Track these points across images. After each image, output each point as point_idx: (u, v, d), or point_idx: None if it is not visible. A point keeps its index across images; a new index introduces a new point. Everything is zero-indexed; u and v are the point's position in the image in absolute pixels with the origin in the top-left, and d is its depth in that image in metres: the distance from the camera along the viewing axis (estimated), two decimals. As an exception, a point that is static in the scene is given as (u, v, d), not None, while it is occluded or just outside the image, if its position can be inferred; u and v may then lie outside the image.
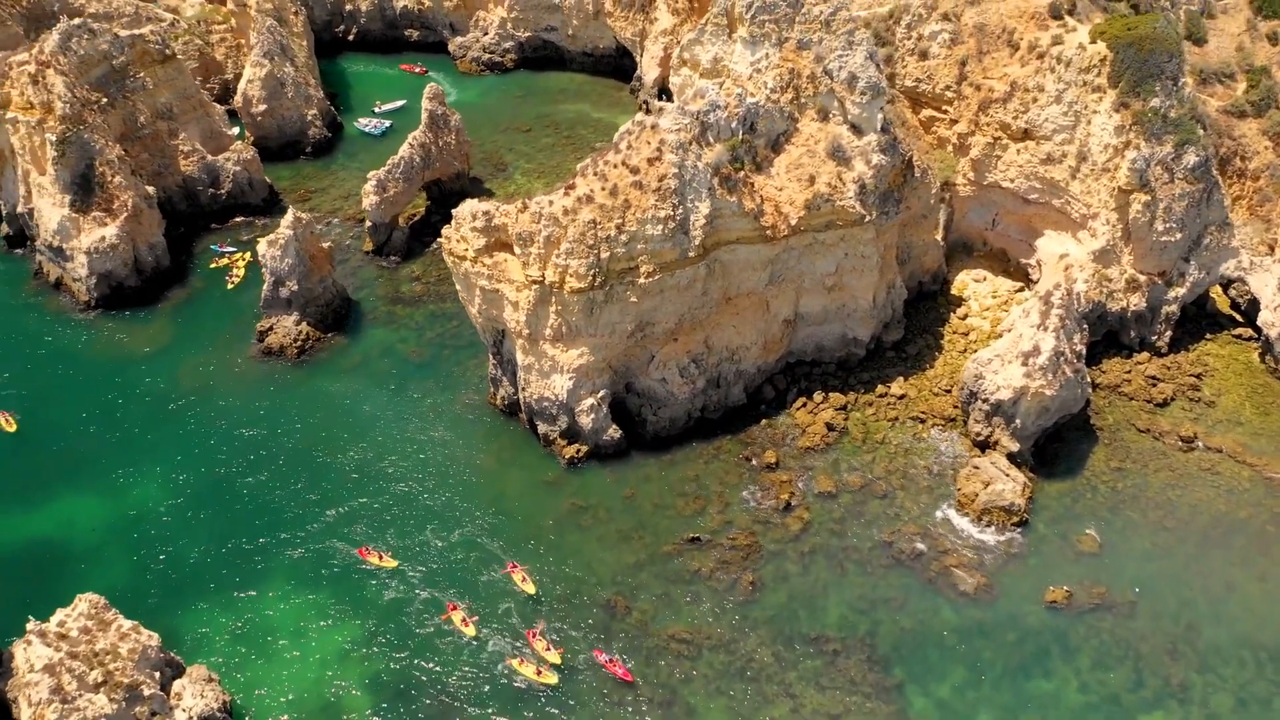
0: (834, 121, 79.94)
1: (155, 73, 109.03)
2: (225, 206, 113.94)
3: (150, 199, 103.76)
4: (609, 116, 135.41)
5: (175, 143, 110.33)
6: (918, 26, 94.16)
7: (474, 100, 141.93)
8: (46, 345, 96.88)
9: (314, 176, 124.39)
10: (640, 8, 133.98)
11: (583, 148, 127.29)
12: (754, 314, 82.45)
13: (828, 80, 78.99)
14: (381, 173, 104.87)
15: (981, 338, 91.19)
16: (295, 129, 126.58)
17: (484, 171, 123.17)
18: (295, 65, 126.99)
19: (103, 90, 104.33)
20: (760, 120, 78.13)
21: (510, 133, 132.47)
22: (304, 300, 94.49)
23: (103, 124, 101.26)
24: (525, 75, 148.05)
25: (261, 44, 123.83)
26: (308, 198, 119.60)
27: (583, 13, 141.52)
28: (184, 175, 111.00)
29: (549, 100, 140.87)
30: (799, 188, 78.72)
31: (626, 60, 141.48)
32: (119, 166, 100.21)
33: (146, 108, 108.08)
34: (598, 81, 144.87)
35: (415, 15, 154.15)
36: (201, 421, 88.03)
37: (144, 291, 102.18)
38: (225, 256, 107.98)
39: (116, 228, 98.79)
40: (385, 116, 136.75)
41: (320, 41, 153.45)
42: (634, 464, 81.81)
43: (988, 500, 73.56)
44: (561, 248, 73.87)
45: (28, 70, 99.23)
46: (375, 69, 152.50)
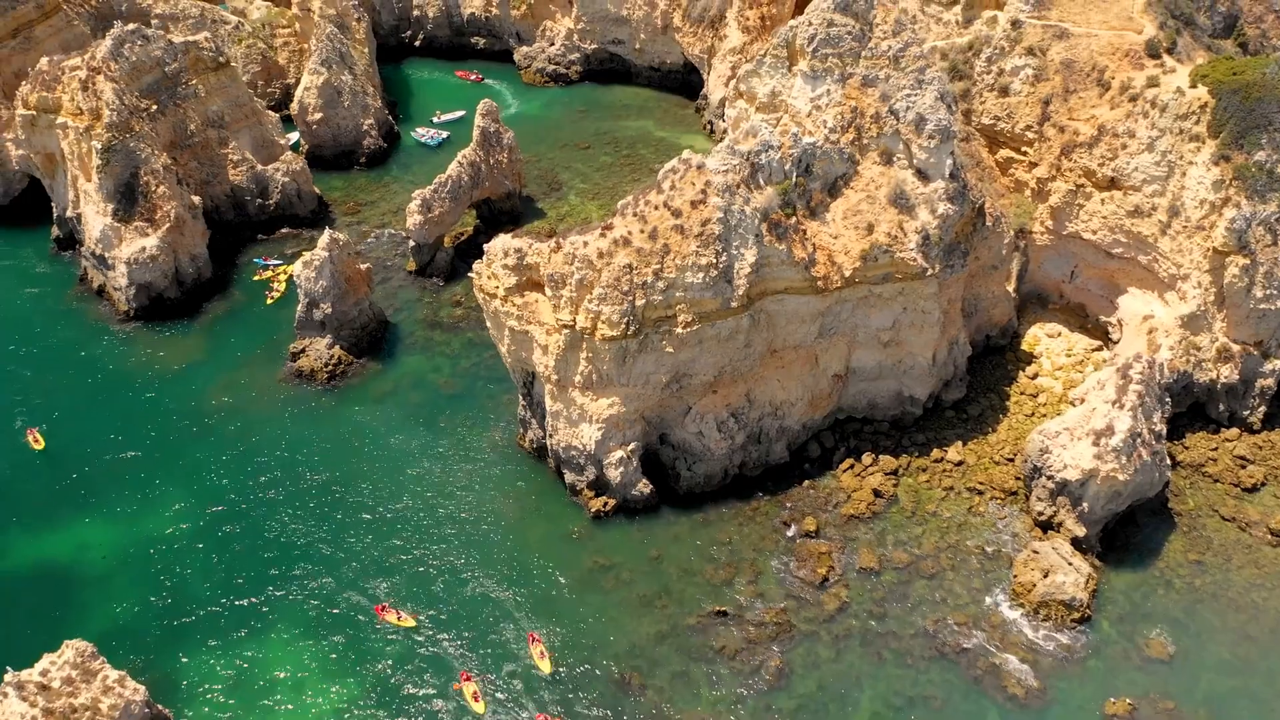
0: (898, 165, 73.76)
1: (208, 80, 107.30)
2: (273, 217, 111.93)
3: (195, 209, 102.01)
4: (672, 135, 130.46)
5: (225, 151, 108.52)
6: (999, 60, 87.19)
7: (535, 113, 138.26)
8: (83, 356, 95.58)
9: (366, 188, 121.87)
10: (710, 24, 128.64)
11: (641, 168, 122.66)
12: (801, 368, 76.74)
13: (893, 121, 72.87)
14: (427, 192, 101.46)
15: (1052, 401, 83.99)
16: (350, 138, 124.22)
17: (537, 190, 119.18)
18: (354, 73, 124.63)
19: (153, 97, 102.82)
20: (817, 162, 72.36)
21: (568, 149, 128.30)
22: (338, 323, 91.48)
23: (151, 132, 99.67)
24: (589, 88, 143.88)
25: (320, 51, 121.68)
26: (357, 210, 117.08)
27: (651, 27, 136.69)
28: (232, 185, 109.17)
29: (611, 115, 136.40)
30: (856, 236, 72.75)
31: (694, 77, 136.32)
32: (164, 176, 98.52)
33: (197, 115, 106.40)
34: (663, 98, 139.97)
35: (482, 23, 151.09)
36: (226, 446, 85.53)
37: (183, 303, 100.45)
38: (269, 269, 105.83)
39: (158, 238, 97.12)
40: (443, 127, 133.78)
41: (386, 47, 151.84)
42: (663, 521, 76.75)
43: (1046, 592, 66.77)
44: (594, 292, 69.17)
45: (79, 76, 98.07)
46: (439, 76, 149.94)
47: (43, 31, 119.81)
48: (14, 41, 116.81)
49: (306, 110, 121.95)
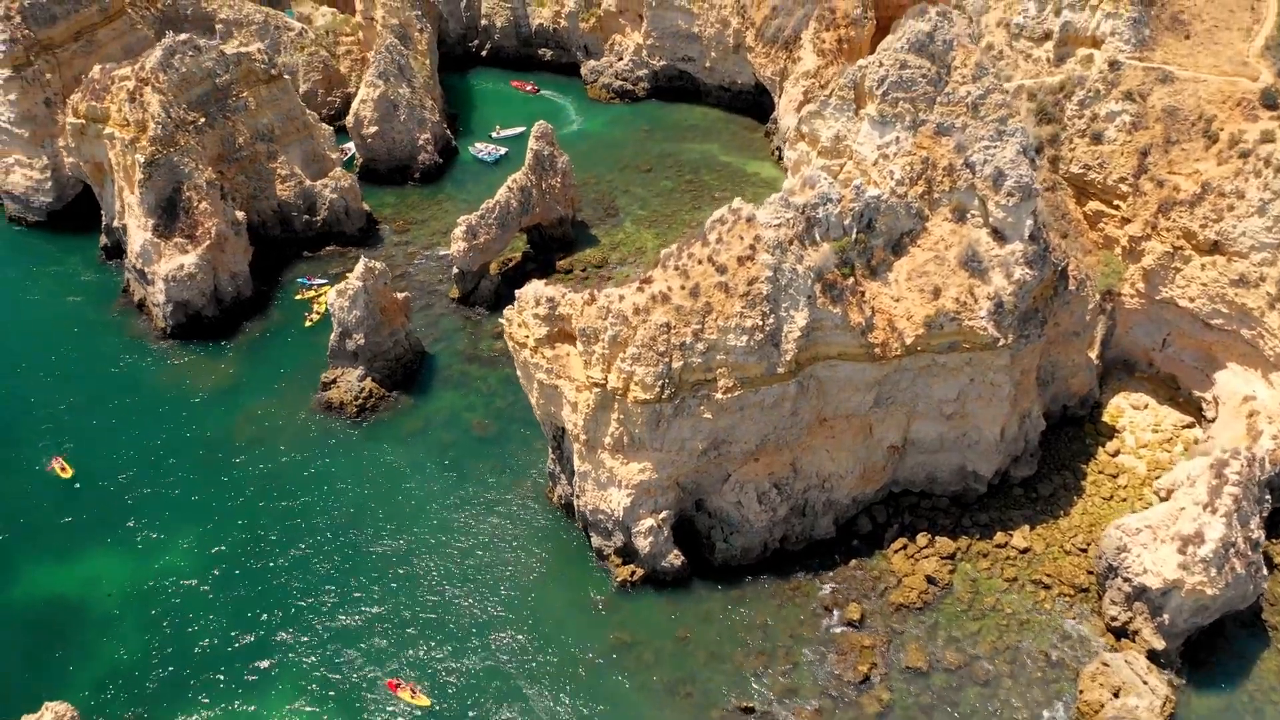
0: (972, 223, 66.79)
1: (259, 93, 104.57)
2: (320, 234, 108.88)
3: (238, 225, 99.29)
4: (738, 161, 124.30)
5: (273, 166, 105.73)
6: (1093, 104, 79.33)
7: (598, 130, 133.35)
8: (116, 373, 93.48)
9: (418, 205, 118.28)
10: (784, 45, 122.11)
11: (703, 195, 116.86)
12: (853, 438, 70.27)
13: (969, 174, 65.93)
14: (473, 218, 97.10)
15: (1134, 483, 76.07)
16: (405, 153, 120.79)
17: (592, 215, 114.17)
18: (412, 86, 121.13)
19: (202, 109, 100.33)
20: (881, 217, 65.82)
21: (629, 171, 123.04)
22: (371, 354, 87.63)
23: (197, 146, 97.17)
24: (656, 106, 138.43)
25: (378, 64, 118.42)
26: (406, 229, 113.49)
27: (722, 45, 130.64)
28: (279, 200, 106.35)
29: (676, 136, 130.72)
30: (920, 300, 66.01)
31: (764, 98, 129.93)
32: (207, 192, 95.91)
33: (246, 129, 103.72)
34: (732, 119, 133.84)
35: (550, 34, 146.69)
36: (249, 479, 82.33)
37: (222, 321, 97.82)
38: (312, 289, 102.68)
39: (197, 256, 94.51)
40: (502, 143, 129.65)
41: (452, 56, 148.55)
42: (695, 596, 71.02)
43: (1115, 716, 59.33)
44: (628, 351, 63.74)
45: (127, 86, 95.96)
46: (502, 88, 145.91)
47: (105, 35, 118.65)
48: (76, 45, 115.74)
49: (361, 123, 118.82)
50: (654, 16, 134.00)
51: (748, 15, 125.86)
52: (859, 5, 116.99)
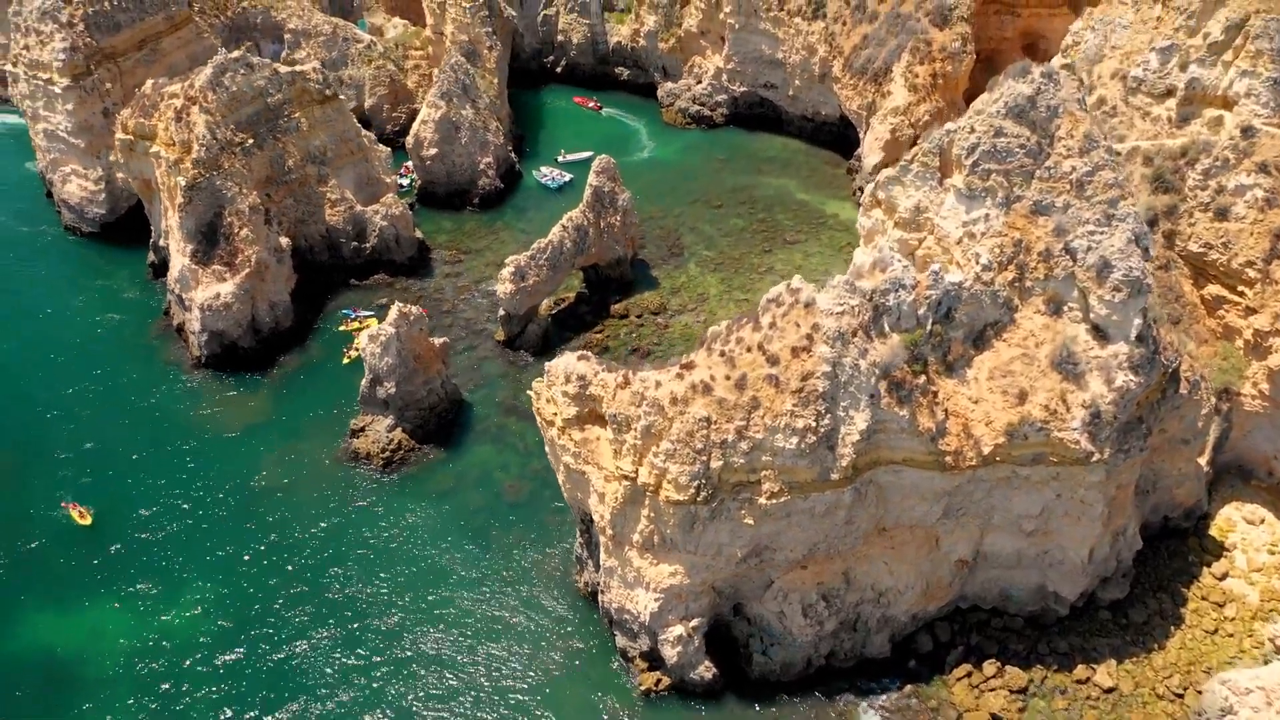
0: (1069, 318, 57.84)
1: (312, 113, 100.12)
2: (369, 261, 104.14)
3: (281, 252, 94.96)
4: (816, 199, 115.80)
5: (323, 189, 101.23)
6: (1219, 175, 69.23)
7: (670, 158, 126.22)
8: (146, 404, 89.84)
9: (474, 234, 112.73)
10: (873, 78, 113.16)
11: (775, 238, 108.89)
12: (916, 550, 61.93)
13: (1068, 262, 57.02)
14: (523, 258, 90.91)
15: (1244, 616, 66.03)
16: (465, 177, 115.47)
17: (655, 253, 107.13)
18: (476, 107, 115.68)
19: (252, 129, 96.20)
20: (962, 307, 57.34)
21: (698, 205, 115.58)
22: (402, 403, 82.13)
23: (243, 168, 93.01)
24: (733, 134, 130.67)
25: (440, 83, 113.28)
26: (459, 259, 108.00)
27: (807, 74, 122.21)
28: (328, 225, 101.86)
29: (752, 168, 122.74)
30: (1002, 404, 57.36)
31: (849, 132, 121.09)
32: (249, 217, 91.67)
33: (297, 150, 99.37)
34: (813, 153, 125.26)
35: (628, 53, 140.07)
36: (266, 531, 77.58)
37: (258, 352, 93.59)
38: (356, 320, 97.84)
39: (234, 285, 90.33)
40: (568, 168, 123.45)
41: (526, 71, 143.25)
42: (726, 711, 63.49)
43: None
44: (662, 445, 56.57)
45: (174, 105, 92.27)
46: (574, 107, 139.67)
47: (170, 44, 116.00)
48: (140, 53, 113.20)
49: (421, 145, 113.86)
50: (736, 40, 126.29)
51: (836, 44, 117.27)
52: (957, 38, 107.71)
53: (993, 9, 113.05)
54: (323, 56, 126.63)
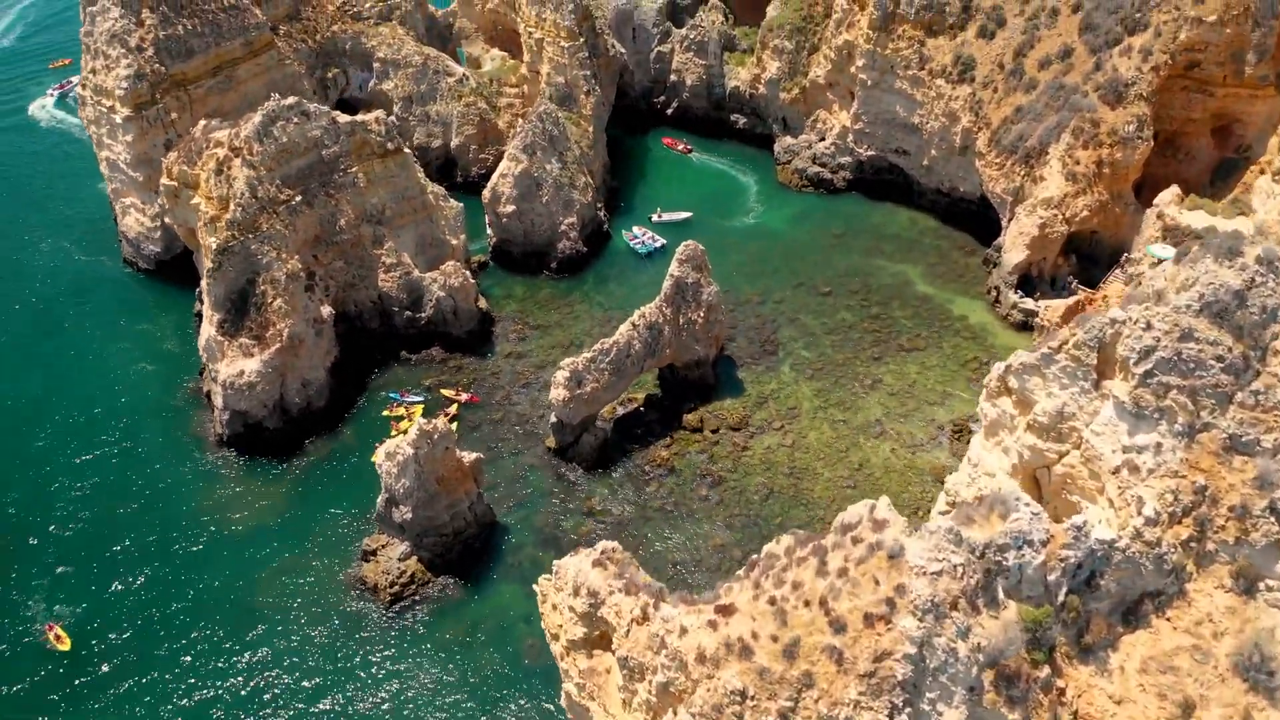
0: (1265, 602, 41.23)
1: (372, 168, 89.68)
2: (423, 333, 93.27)
3: (321, 324, 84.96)
4: (941, 294, 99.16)
5: (378, 252, 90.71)
6: None
7: (778, 226, 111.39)
8: (157, 486, 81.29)
9: (547, 304, 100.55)
10: (1023, 158, 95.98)
11: (888, 341, 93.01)
12: None
13: (1273, 526, 40.49)
14: (581, 361, 78.14)
15: None
16: (544, 238, 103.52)
17: (745, 349, 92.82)
18: (564, 160, 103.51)
19: (302, 184, 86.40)
20: (1112, 573, 41.52)
21: (803, 290, 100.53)
22: (420, 530, 70.65)
23: (284, 230, 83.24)
24: (854, 202, 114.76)
25: (524, 134, 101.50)
26: (525, 335, 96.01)
27: (946, 144, 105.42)
28: (381, 291, 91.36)
29: (872, 247, 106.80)
30: (1157, 711, 41.27)
31: (991, 213, 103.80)
32: (285, 286, 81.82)
33: (352, 208, 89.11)
34: (944, 234, 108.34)
35: (745, 100, 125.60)
36: (251, 667, 67.59)
37: (286, 434, 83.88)
38: (401, 406, 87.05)
39: (261, 362, 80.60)
40: (662, 230, 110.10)
41: (634, 110, 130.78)
42: None
43: None
44: (680, 714, 42.72)
45: (217, 155, 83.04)
46: (682, 157, 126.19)
47: (246, 71, 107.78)
48: (213, 80, 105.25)
49: (498, 200, 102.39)
50: (867, 98, 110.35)
51: (983, 113, 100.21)
52: (1133, 120, 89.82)
53: (1179, 85, 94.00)
54: (411, 90, 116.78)
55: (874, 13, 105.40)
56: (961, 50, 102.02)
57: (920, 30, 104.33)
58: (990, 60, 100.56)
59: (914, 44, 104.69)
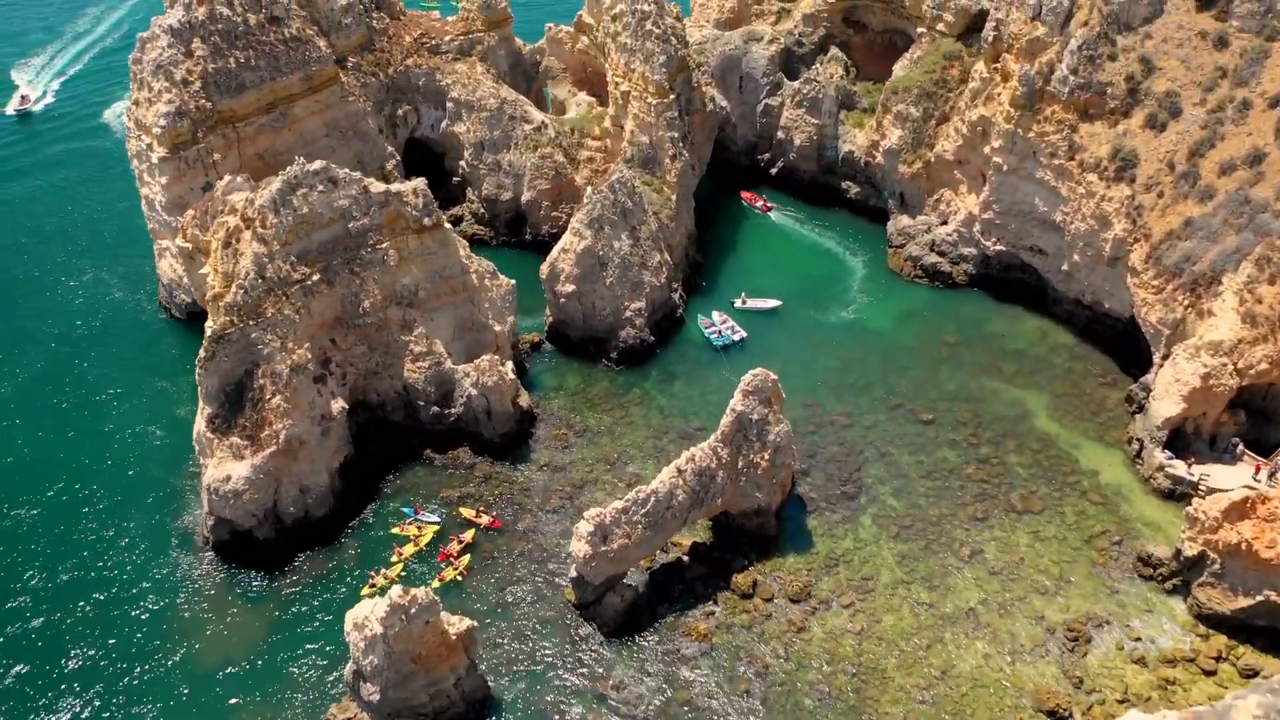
0: None
1: (405, 244, 78.34)
2: (451, 429, 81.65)
3: (330, 421, 74.27)
4: (1069, 438, 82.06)
5: (407, 339, 79.39)
6: None
7: (880, 324, 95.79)
8: (125, 592, 71.82)
9: (600, 402, 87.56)
10: (1189, 284, 78.43)
11: (997, 495, 77.16)
12: None
13: None
14: (608, 513, 64.89)
15: None
16: (605, 325, 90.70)
17: (819, 488, 78.12)
18: (636, 236, 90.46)
19: (322, 260, 75.72)
20: None
21: (899, 415, 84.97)
22: (388, 711, 58.71)
23: (293, 316, 72.63)
24: (975, 301, 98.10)
25: (591, 206, 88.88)
26: (568, 443, 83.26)
27: (1093, 251, 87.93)
28: (406, 382, 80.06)
29: (990, 364, 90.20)
30: None
31: (1140, 337, 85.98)
32: (287, 381, 71.23)
33: (379, 289, 77.98)
34: (1081, 354, 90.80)
35: (860, 167, 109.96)
36: None
37: (278, 546, 73.43)
38: (414, 524, 75.61)
39: (251, 467, 70.22)
40: (744, 320, 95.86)
41: (735, 165, 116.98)
42: None
43: None
44: None
45: (228, 224, 72.99)
46: (787, 225, 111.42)
47: (305, 108, 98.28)
48: (265, 118, 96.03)
49: (557, 278, 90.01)
50: (1002, 184, 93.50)
51: (1142, 222, 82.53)
52: (1339, 256, 71.04)
53: (1403, 210, 74.87)
54: (483, 135, 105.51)
55: (1018, 88, 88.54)
56: (1122, 142, 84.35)
57: (1073, 113, 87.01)
58: (1157, 158, 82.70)
59: (1064, 129, 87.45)
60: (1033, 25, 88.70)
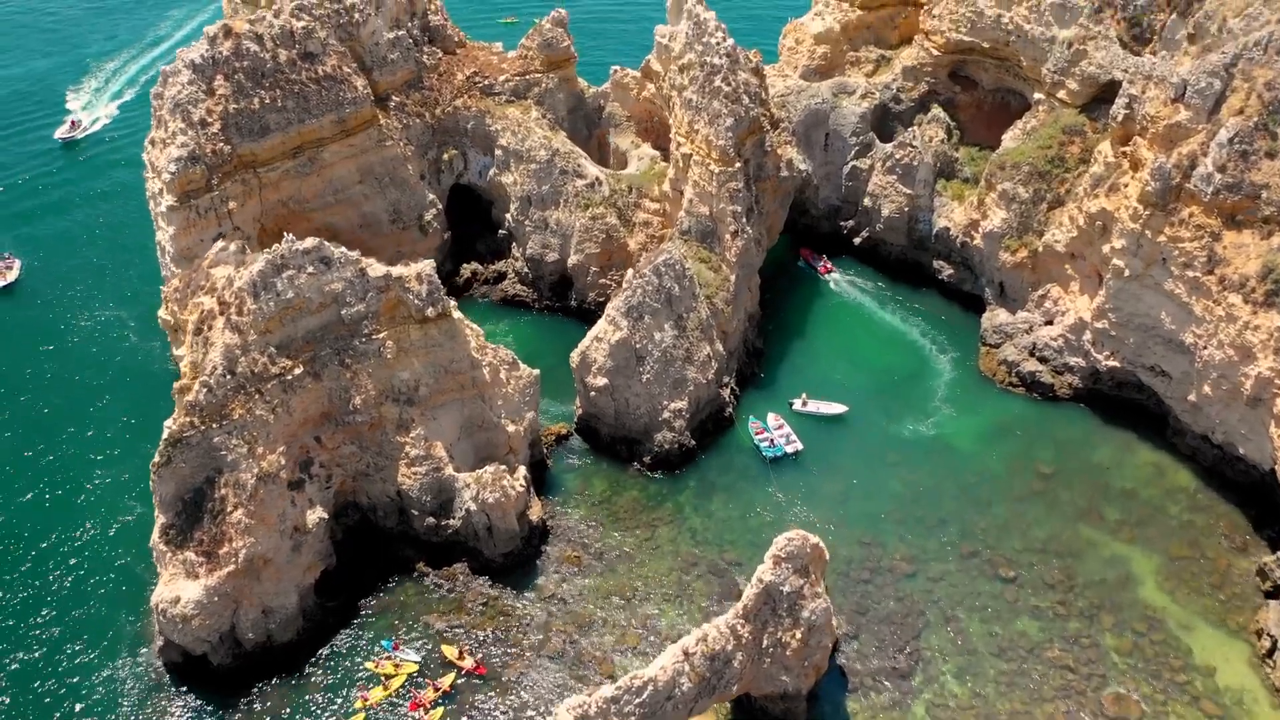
0: None
1: (406, 335, 68.46)
2: (449, 542, 71.63)
3: (303, 534, 65.10)
4: (1181, 617, 67.78)
5: (402, 440, 69.55)
6: None
7: (965, 444, 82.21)
8: (75, 710, 63.71)
9: (625, 516, 76.42)
10: (1352, 449, 62.59)
11: (1084, 688, 64.07)
12: None
13: None
14: (594, 704, 53.45)
15: None
16: (639, 425, 79.51)
17: (865, 658, 65.42)
18: (682, 326, 79.00)
19: (310, 350, 66.40)
20: None
21: (974, 567, 71.58)
22: None
23: (266, 416, 63.46)
24: (1080, 421, 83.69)
25: (630, 293, 77.72)
26: (580, 569, 72.44)
27: (1228, 384, 72.64)
28: (400, 487, 70.26)
29: (1090, 508, 75.91)
30: None
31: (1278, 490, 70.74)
32: (252, 493, 62.13)
33: (373, 383, 68.29)
34: (1204, 504, 75.67)
35: (955, 246, 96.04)
36: None
37: (236, 672, 64.52)
38: (391, 661, 65.74)
39: (204, 588, 61.39)
40: (802, 427, 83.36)
41: (814, 232, 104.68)
42: None
43: None
44: None
45: (202, 307, 64.19)
46: (864, 304, 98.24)
47: (335, 153, 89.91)
48: (291, 163, 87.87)
49: (588, 368, 79.13)
50: (1122, 290, 78.74)
51: (1295, 362, 67.12)
52: None
53: None
54: (530, 189, 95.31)
55: (1150, 181, 73.79)
56: (1276, 260, 69.02)
57: (1216, 218, 71.93)
58: (1321, 285, 67.23)
59: (1203, 236, 72.42)
60: (1174, 108, 73.77)
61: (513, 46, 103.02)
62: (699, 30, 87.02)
